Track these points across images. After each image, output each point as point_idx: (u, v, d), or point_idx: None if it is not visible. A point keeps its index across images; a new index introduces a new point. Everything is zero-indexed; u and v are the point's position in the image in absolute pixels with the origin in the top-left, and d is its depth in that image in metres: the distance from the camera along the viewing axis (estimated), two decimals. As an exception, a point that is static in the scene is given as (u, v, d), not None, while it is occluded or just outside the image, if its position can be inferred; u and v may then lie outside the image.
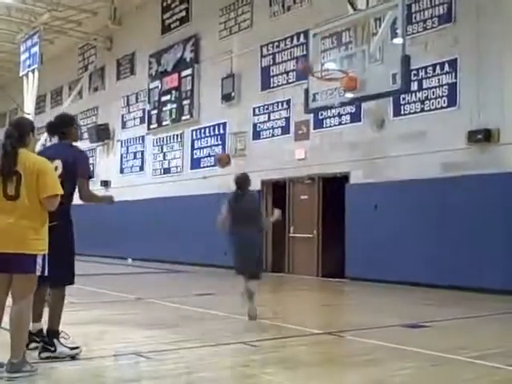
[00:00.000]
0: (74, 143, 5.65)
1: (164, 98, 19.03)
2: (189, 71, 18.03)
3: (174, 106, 18.56)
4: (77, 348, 5.24)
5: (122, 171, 21.26)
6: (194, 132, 17.94)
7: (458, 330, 7.13)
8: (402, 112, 12.23)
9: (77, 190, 5.36)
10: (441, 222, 11.25)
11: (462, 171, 11.02)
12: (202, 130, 17.61)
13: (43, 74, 20.87)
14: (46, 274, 4.59)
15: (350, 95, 10.70)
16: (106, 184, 20.98)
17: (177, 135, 18.66)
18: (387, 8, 10.02)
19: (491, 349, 5.85)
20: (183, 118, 18.21)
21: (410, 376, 4.84)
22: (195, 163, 17.84)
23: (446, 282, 10.81)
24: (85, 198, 5.43)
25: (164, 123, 19.05)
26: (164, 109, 19.01)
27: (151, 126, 19.69)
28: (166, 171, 19.04)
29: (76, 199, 5.42)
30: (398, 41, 10.01)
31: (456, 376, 4.87)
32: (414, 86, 11.68)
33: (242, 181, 7.64)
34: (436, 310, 8.88)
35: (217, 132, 17.04)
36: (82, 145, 9.15)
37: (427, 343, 6.03)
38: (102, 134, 21.77)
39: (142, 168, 20.31)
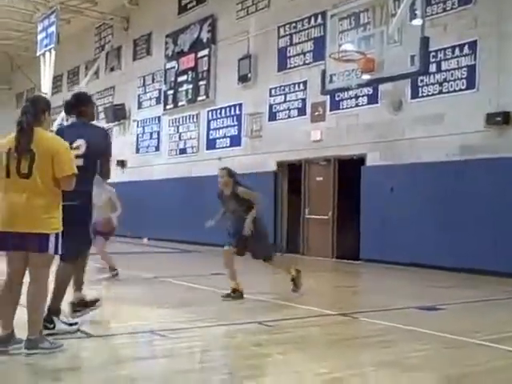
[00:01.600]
0: (92, 122, 5.72)
1: (180, 79, 19.00)
2: (205, 52, 17.97)
3: (190, 86, 18.53)
4: (75, 324, 5.32)
5: (137, 151, 21.32)
6: (210, 113, 17.92)
7: (473, 313, 7.12)
8: (420, 94, 12.12)
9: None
10: (457, 205, 11.19)
11: (480, 154, 10.93)
12: (218, 111, 17.58)
13: (60, 53, 20.89)
14: (60, 252, 4.64)
15: (367, 77, 10.61)
16: (122, 164, 21.09)
17: (193, 116, 18.65)
18: (406, -12, 9.89)
19: (506, 332, 5.84)
20: (199, 98, 18.19)
21: (424, 358, 4.84)
22: (211, 144, 17.85)
23: (462, 264, 10.77)
24: (105, 175, 5.56)
25: (180, 104, 19.05)
26: (180, 89, 19.00)
27: (167, 107, 19.70)
28: (182, 151, 19.06)
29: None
30: (417, 22, 9.89)
31: (470, 359, 4.87)
32: (433, 68, 11.56)
33: None
34: (451, 292, 8.86)
35: (233, 113, 17.01)
36: (99, 124, 9.24)
37: (441, 326, 6.03)
38: (119, 113, 21.82)
39: (157, 148, 20.35)
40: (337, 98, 13.71)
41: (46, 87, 20.68)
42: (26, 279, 4.63)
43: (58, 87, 25.74)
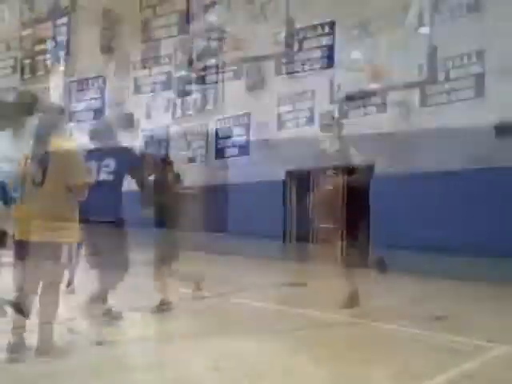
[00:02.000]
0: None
1: (188, 87, 19.05)
2: (213, 60, 18.01)
3: (199, 95, 18.58)
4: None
5: (146, 160, 21.33)
6: (219, 122, 17.94)
7: (487, 319, 7.06)
8: (428, 103, 12.11)
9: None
10: (466, 215, 11.14)
11: (489, 164, 10.87)
12: (226, 120, 17.61)
13: (69, 61, 20.95)
14: (73, 262, 4.70)
15: (375, 85, 10.65)
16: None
17: (201, 125, 18.67)
18: (415, -3, 9.94)
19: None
20: (207, 107, 18.23)
21: (434, 362, 4.83)
22: (219, 153, 17.86)
23: (473, 273, 10.68)
24: (141, 187, 6.09)
25: (188, 112, 19.09)
26: (188, 98, 19.04)
27: (176, 116, 19.74)
28: (191, 160, 19.05)
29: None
30: (425, 30, 9.93)
31: (481, 363, 4.86)
32: (441, 77, 11.55)
33: None
34: (465, 299, 8.79)
35: (241, 121, 17.03)
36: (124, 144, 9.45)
37: (452, 331, 6.02)
38: (127, 123, 21.84)
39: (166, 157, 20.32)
40: (345, 107, 13.71)
41: (55, 95, 20.74)
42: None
43: (68, 95, 25.77)
